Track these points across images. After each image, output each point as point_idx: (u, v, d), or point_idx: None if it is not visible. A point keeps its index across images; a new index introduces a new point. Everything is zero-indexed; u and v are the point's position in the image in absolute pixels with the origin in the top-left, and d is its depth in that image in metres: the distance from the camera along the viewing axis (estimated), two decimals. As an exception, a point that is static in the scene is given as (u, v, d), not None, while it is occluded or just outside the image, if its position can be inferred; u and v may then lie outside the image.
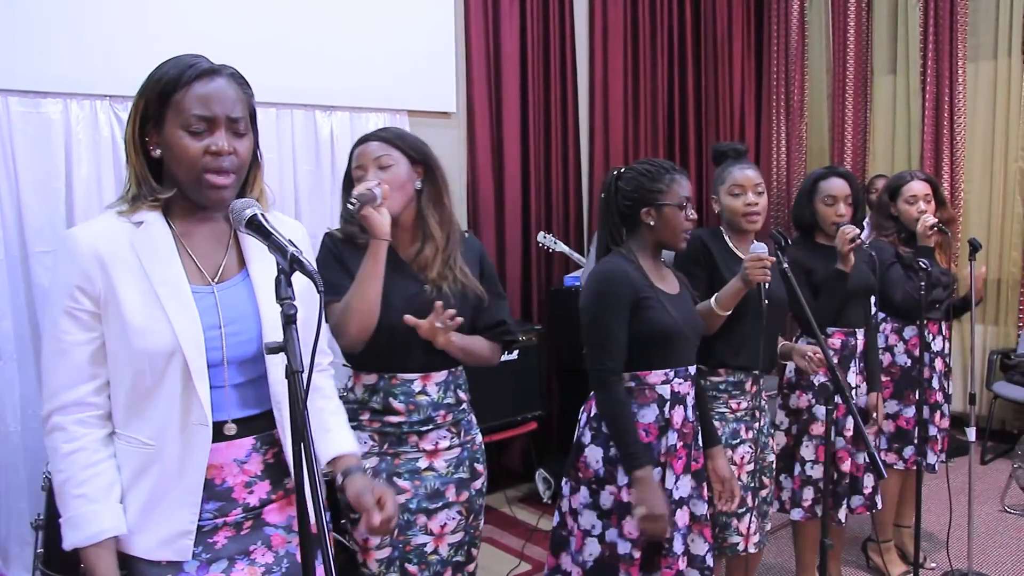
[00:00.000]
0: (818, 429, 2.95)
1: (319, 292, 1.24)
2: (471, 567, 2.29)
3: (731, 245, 2.70)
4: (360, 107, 4.02)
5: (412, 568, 2.15)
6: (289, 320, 1.22)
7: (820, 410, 2.95)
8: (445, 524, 2.19)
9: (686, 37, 5.54)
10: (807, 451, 2.97)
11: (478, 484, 2.27)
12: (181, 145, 1.43)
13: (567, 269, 4.77)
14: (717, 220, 2.78)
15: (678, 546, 2.26)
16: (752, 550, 2.64)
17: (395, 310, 2.05)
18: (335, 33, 3.90)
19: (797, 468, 2.99)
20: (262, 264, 1.53)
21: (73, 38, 3.26)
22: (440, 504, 2.18)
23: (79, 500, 1.43)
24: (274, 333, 1.41)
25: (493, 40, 4.53)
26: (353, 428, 1.88)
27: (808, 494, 2.99)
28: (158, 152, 1.47)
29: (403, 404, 2.15)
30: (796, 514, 3.01)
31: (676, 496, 2.27)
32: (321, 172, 3.93)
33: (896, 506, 3.55)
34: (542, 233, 4.48)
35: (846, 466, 3.01)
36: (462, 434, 2.25)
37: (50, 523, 2.74)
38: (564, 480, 2.36)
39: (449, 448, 2.21)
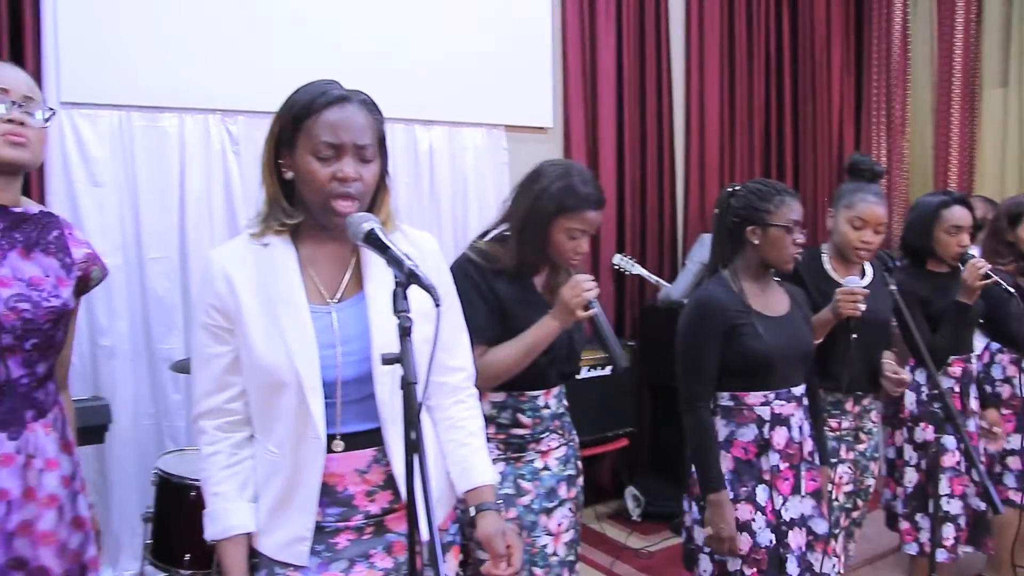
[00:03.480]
0: (949, 460, 2.84)
1: (437, 306, 1.28)
2: (577, 566, 2.36)
3: (828, 267, 2.65)
4: (458, 122, 4.10)
5: (538, 571, 2.21)
6: (405, 332, 1.25)
7: (949, 440, 2.84)
8: (560, 523, 2.27)
9: (783, 50, 5.46)
10: (942, 486, 2.83)
11: (580, 480, 2.36)
12: (310, 170, 1.49)
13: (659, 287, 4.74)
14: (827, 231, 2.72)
15: (792, 568, 2.23)
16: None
17: None
18: (435, 49, 3.99)
19: (931, 506, 2.87)
20: (378, 284, 1.57)
21: (189, 56, 3.43)
22: (556, 503, 2.26)
23: (215, 498, 1.57)
24: (384, 351, 1.47)
25: (589, 55, 4.56)
26: None
27: (948, 532, 2.85)
28: (290, 175, 1.54)
29: (530, 418, 2.22)
30: (940, 555, 2.82)
31: (787, 517, 2.25)
32: (420, 186, 4.02)
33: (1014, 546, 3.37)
34: (618, 256, 4.42)
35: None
36: (566, 433, 2.34)
37: (158, 516, 2.88)
38: (685, 496, 2.39)
39: (558, 447, 2.29)
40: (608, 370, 4.12)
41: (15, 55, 3.11)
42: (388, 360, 1.27)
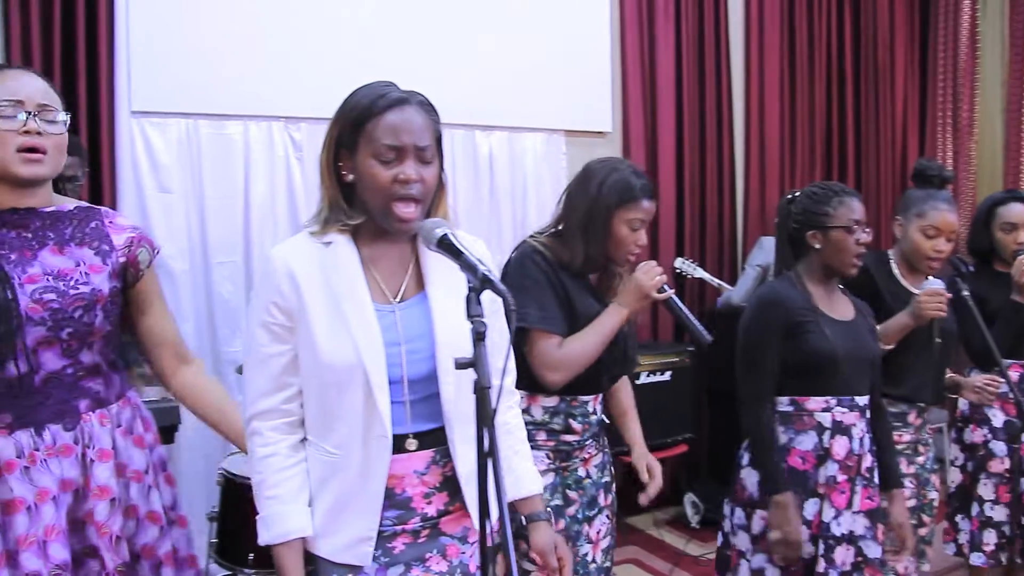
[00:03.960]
0: (997, 466, 2.78)
1: (509, 311, 1.28)
2: (613, 571, 2.38)
3: (898, 275, 2.60)
4: (518, 127, 4.12)
5: None
6: (479, 337, 1.26)
7: (998, 446, 2.78)
8: (600, 530, 2.28)
9: (845, 52, 5.35)
10: (986, 490, 2.79)
11: (614, 487, 2.36)
12: (371, 173, 1.50)
13: (721, 290, 4.69)
14: (891, 240, 2.66)
15: None
16: None
17: None
18: (494, 55, 4.01)
19: (975, 508, 2.81)
20: (440, 286, 1.58)
21: (253, 65, 3.51)
22: (596, 511, 2.27)
23: (271, 501, 1.54)
24: (448, 352, 1.50)
25: (648, 58, 4.53)
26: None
27: (989, 537, 2.79)
28: (350, 177, 1.54)
29: (580, 424, 2.21)
30: (976, 559, 2.82)
31: (837, 532, 2.19)
32: (479, 191, 4.04)
33: None
34: (680, 259, 4.39)
35: None
36: (602, 440, 2.34)
37: (223, 515, 2.92)
38: (726, 500, 2.35)
39: (596, 454, 2.29)
40: (668, 375, 4.08)
41: (91, 68, 3.22)
42: (462, 364, 1.27)
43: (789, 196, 2.36)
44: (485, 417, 1.23)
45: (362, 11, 3.72)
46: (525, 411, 2.22)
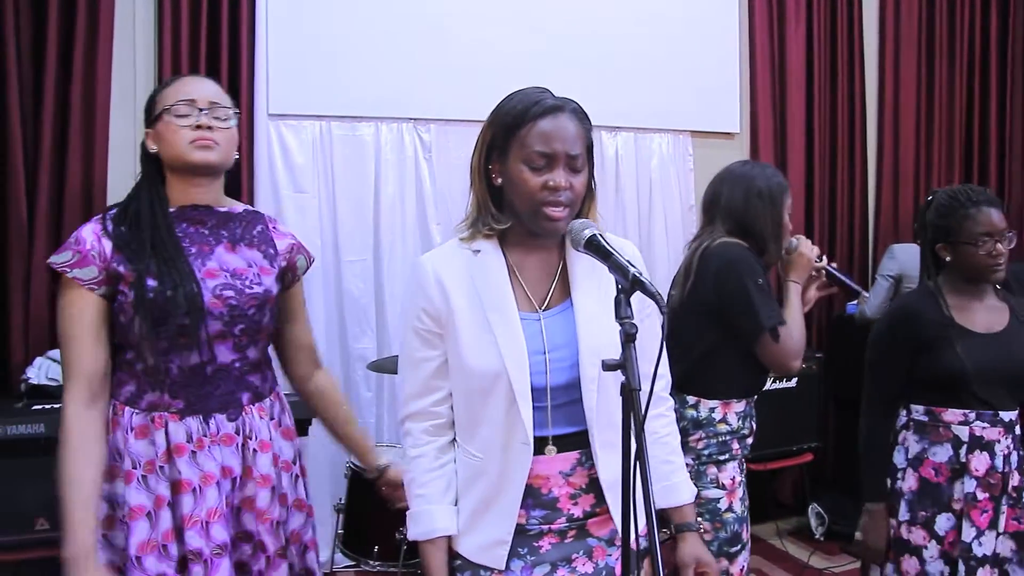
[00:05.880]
0: None
1: (662, 313, 1.26)
2: None
3: None
4: (644, 128, 4.08)
5: None
6: (629, 338, 1.24)
7: None
8: None
9: (990, 44, 5.04)
10: None
11: None
12: (522, 179, 1.50)
13: (849, 296, 4.52)
14: None
15: None
16: None
17: None
18: (621, 55, 3.99)
19: None
20: (585, 293, 1.58)
21: (384, 69, 3.60)
22: None
23: (419, 499, 1.60)
24: (592, 360, 1.49)
25: (778, 57, 4.41)
26: (727, 461, 2.11)
27: None
28: (499, 181, 1.56)
29: (753, 424, 2.30)
30: None
31: (979, 553, 2.09)
32: (605, 192, 4.01)
33: None
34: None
35: None
36: None
37: (349, 507, 3.00)
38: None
39: None
40: (794, 382, 3.97)
41: (232, 74, 3.38)
42: (610, 366, 1.26)
43: (927, 201, 2.31)
44: (634, 420, 1.21)
45: (489, 15, 3.76)
46: (722, 420, 2.23)
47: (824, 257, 2.37)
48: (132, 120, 3.14)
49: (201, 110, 1.73)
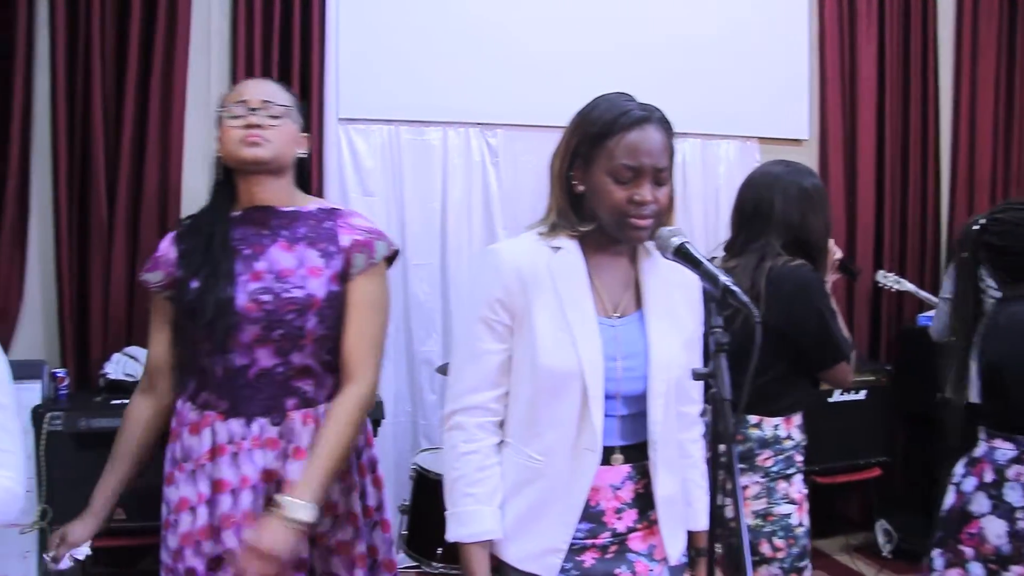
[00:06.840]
0: None
1: (756, 323, 1.24)
2: None
3: None
4: (711, 134, 4.03)
5: None
6: (720, 348, 1.23)
7: None
8: None
9: (1075, 50, 4.90)
10: None
11: None
12: (607, 191, 1.48)
13: (920, 307, 4.41)
14: None
15: None
16: None
17: None
18: (688, 60, 3.95)
19: None
20: (656, 304, 1.56)
21: (452, 74, 3.63)
22: None
23: (468, 499, 1.52)
24: (661, 375, 1.50)
25: (849, 62, 4.32)
26: (793, 475, 2.08)
27: None
28: (580, 188, 1.53)
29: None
30: None
31: None
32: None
33: None
34: (882, 272, 4.16)
35: None
36: None
37: (414, 509, 3.02)
38: (937, 551, 2.16)
39: None
40: (863, 395, 3.89)
41: (303, 79, 3.43)
42: (699, 375, 1.25)
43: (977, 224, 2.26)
44: (724, 432, 1.20)
45: (557, 20, 3.76)
46: (787, 436, 2.17)
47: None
48: (207, 127, 3.21)
49: (252, 109, 1.75)
